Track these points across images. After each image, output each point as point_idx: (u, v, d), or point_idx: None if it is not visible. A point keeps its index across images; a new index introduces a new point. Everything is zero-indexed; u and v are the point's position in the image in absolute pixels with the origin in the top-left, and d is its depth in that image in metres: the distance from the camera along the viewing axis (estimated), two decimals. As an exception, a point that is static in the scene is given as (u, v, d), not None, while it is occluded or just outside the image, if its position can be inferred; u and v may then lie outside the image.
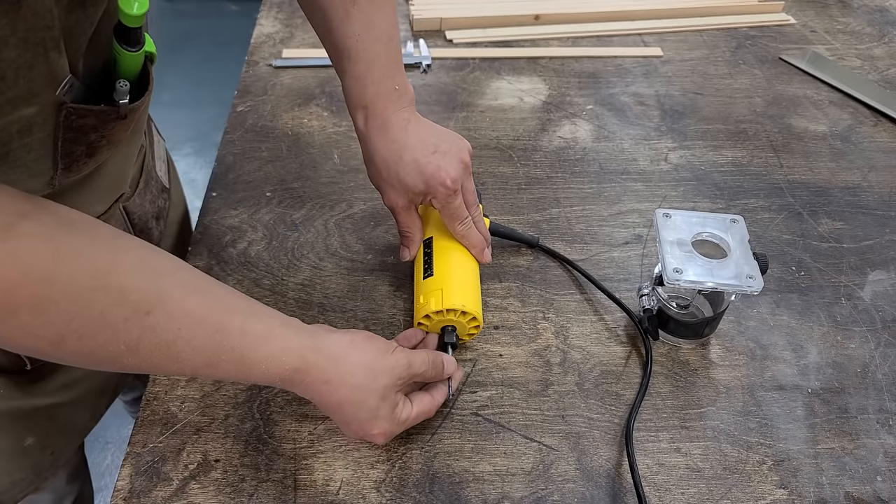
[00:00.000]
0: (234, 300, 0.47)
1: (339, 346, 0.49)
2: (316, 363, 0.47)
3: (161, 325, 0.42)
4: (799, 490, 0.55)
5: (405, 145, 0.58)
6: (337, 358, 0.48)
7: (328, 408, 0.49)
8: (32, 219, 0.38)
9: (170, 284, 0.43)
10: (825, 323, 0.67)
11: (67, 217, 0.41)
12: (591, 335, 0.65)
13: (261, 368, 0.46)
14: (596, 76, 0.99)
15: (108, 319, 0.40)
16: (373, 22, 0.57)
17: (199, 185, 1.99)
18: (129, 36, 0.45)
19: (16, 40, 0.37)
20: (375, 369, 0.49)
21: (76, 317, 0.39)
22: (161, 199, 0.70)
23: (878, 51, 1.08)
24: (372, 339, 0.51)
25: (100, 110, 0.45)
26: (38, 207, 0.39)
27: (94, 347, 0.41)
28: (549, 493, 0.54)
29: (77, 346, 0.40)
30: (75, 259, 0.39)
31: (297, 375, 0.47)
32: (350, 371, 0.48)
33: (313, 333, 0.49)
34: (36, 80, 0.40)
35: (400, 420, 0.51)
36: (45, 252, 0.38)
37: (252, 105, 0.91)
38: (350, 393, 0.48)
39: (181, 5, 3.06)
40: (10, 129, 0.41)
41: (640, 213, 0.78)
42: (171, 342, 0.42)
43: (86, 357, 0.42)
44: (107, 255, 0.41)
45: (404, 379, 0.51)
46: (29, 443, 0.59)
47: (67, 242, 0.39)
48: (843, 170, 0.85)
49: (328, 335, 0.50)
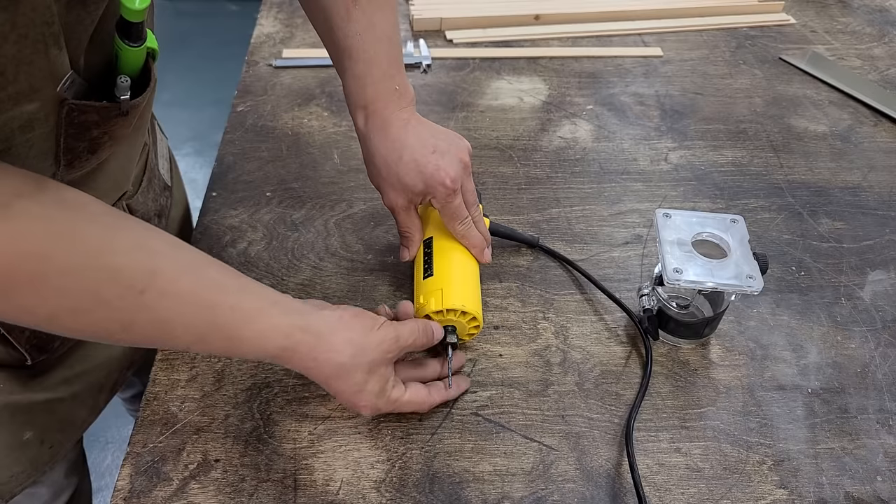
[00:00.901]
0: (227, 278, 0.48)
1: (327, 323, 0.50)
2: (303, 341, 0.48)
3: (154, 303, 0.43)
4: (799, 490, 0.55)
5: (405, 145, 0.58)
6: (322, 335, 0.49)
7: (317, 381, 0.51)
8: (29, 198, 0.39)
9: (163, 263, 0.44)
10: (825, 323, 0.67)
11: (63, 196, 0.41)
12: (591, 335, 0.65)
13: (250, 345, 0.47)
14: (596, 76, 0.99)
15: (103, 297, 0.41)
16: (373, 22, 0.57)
17: (199, 185, 1.99)
18: (131, 31, 0.45)
19: (15, 36, 0.37)
20: (362, 345, 0.50)
21: (71, 294, 0.40)
22: (163, 196, 0.70)
23: (878, 51, 1.08)
24: (359, 316, 0.52)
25: (101, 106, 0.45)
26: (36, 187, 0.40)
27: (89, 323, 0.42)
28: (549, 493, 0.54)
29: (72, 323, 0.41)
30: (70, 238, 0.40)
31: (284, 353, 0.48)
32: (336, 348, 0.49)
33: (302, 311, 0.50)
34: (36, 75, 0.40)
35: (390, 398, 0.53)
36: (40, 231, 0.39)
37: (252, 105, 0.91)
38: (336, 369, 0.50)
39: (181, 5, 3.06)
40: (12, 125, 0.41)
41: (640, 213, 0.78)
42: (164, 320, 0.44)
43: (81, 332, 0.43)
44: (101, 234, 0.42)
45: (394, 352, 0.52)
46: (28, 437, 0.60)
47: (63, 222, 0.40)
48: (843, 170, 0.85)
49: (317, 312, 0.51)
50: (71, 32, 0.41)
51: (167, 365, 0.61)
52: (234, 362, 0.61)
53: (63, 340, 0.60)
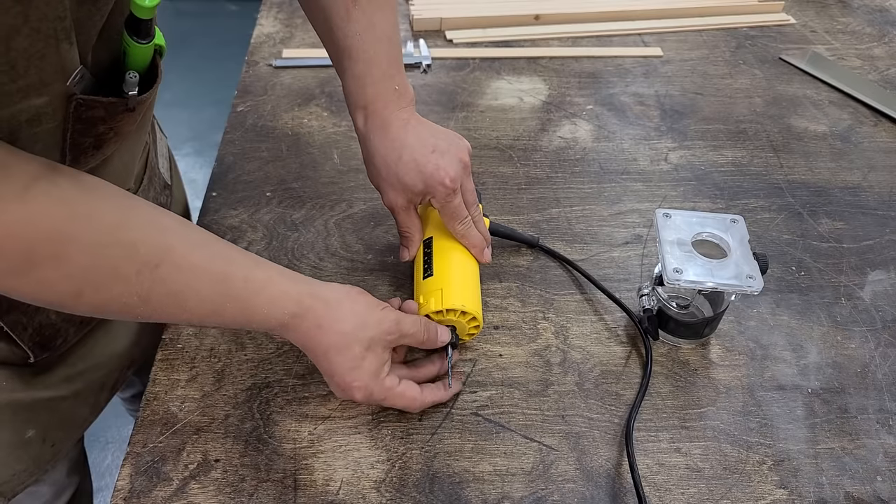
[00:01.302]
0: (236, 253, 0.50)
1: (335, 293, 0.53)
2: (312, 307, 0.51)
3: (170, 276, 0.45)
4: (799, 490, 0.55)
5: (404, 145, 0.58)
6: (330, 303, 0.51)
7: (316, 355, 0.52)
8: (47, 180, 0.40)
9: (176, 239, 0.46)
10: (825, 323, 0.67)
11: (78, 178, 0.43)
12: (591, 335, 0.65)
13: (262, 314, 0.49)
14: (596, 76, 0.99)
15: (121, 272, 0.43)
16: (373, 22, 0.57)
17: (199, 185, 1.99)
18: (140, 28, 0.45)
19: (28, 30, 0.38)
20: (364, 319, 0.52)
21: (92, 271, 0.42)
22: (163, 195, 0.71)
23: (878, 51, 1.08)
24: (365, 294, 0.55)
25: (109, 102, 0.46)
26: (51, 169, 0.41)
27: (109, 299, 0.44)
28: (549, 493, 0.54)
29: (94, 298, 0.43)
30: (88, 217, 0.42)
31: (293, 320, 0.50)
32: (341, 317, 0.51)
33: (309, 281, 0.53)
34: (47, 70, 0.40)
35: (383, 385, 0.53)
36: (60, 212, 0.41)
37: (252, 105, 0.91)
38: (338, 339, 0.51)
39: (181, 5, 3.06)
40: (20, 119, 0.41)
41: (640, 213, 0.78)
42: (179, 292, 0.46)
43: (102, 308, 0.45)
44: (117, 212, 0.44)
45: (394, 335, 0.53)
46: (30, 435, 0.60)
47: (80, 202, 0.42)
48: (843, 170, 0.85)
49: (324, 283, 0.53)
50: (81, 28, 0.42)
51: (167, 365, 0.61)
52: (234, 362, 0.61)
53: (66, 338, 0.60)
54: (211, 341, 0.63)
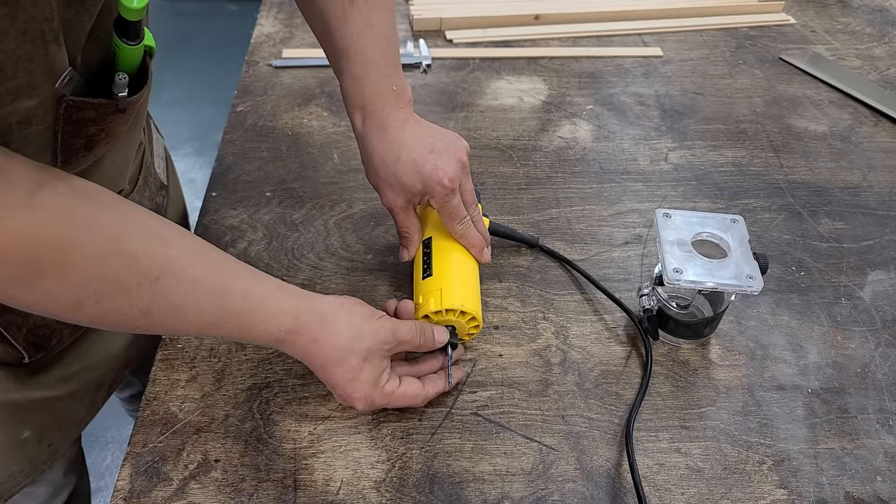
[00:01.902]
0: (236, 266, 0.50)
1: (330, 306, 0.52)
2: (308, 323, 0.51)
3: (170, 289, 0.45)
4: (799, 490, 0.54)
5: (402, 145, 0.58)
6: (326, 317, 0.51)
7: (315, 368, 0.52)
8: (49, 187, 0.40)
9: (176, 251, 0.46)
10: (825, 323, 0.67)
11: (76, 185, 0.43)
12: (591, 335, 0.65)
13: (260, 329, 0.49)
14: (596, 76, 0.99)
15: (122, 284, 0.43)
16: (371, 23, 0.57)
17: (199, 185, 1.99)
18: (129, 29, 0.45)
19: (15, 31, 0.37)
20: (360, 331, 0.52)
21: (94, 281, 0.42)
22: (159, 196, 0.71)
23: (878, 51, 1.08)
24: (360, 304, 0.54)
25: (99, 103, 0.46)
26: (52, 176, 0.41)
27: (110, 310, 0.43)
28: (549, 493, 0.54)
29: (94, 309, 0.43)
30: (88, 224, 0.42)
31: (290, 336, 0.50)
32: (336, 331, 0.51)
33: (307, 295, 0.52)
34: (35, 72, 0.40)
35: (384, 391, 0.53)
36: (61, 219, 0.40)
37: (252, 105, 0.91)
38: (334, 352, 0.51)
39: (181, 5, 3.06)
40: (10, 121, 0.41)
41: (640, 213, 0.78)
42: (178, 305, 0.46)
43: (102, 319, 0.44)
44: (116, 221, 0.44)
45: (390, 344, 0.53)
46: (26, 435, 0.60)
47: (81, 209, 0.42)
48: (843, 170, 0.85)
49: (321, 296, 0.53)
50: (69, 29, 0.41)
51: (167, 365, 0.61)
52: (234, 362, 0.61)
53: (60, 338, 0.60)
54: (211, 341, 0.63)
